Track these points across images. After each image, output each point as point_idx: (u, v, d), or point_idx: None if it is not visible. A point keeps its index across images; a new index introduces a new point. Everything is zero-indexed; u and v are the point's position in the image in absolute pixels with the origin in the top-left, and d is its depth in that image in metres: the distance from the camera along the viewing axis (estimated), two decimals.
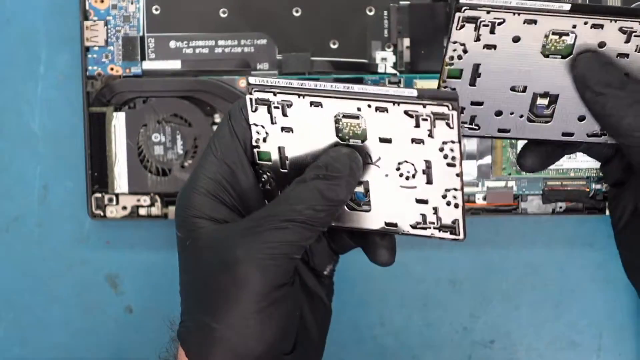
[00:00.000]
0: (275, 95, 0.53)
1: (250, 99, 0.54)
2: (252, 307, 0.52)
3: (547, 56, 0.57)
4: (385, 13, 0.65)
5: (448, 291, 0.68)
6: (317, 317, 0.57)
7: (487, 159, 0.66)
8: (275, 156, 0.55)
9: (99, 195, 0.67)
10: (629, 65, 0.56)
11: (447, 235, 0.54)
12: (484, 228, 0.68)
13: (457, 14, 0.56)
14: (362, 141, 0.53)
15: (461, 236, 0.54)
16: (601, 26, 0.55)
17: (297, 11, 0.65)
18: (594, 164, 0.65)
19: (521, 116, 0.58)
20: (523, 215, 0.66)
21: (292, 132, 0.54)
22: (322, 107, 0.53)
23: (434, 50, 0.65)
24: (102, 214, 0.67)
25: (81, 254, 0.68)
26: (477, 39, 0.56)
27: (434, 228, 0.54)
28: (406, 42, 0.65)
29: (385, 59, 0.65)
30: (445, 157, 0.52)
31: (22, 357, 0.69)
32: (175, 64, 0.66)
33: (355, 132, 0.53)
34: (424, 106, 0.51)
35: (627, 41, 0.56)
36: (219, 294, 0.53)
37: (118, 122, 0.66)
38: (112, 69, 0.66)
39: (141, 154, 0.66)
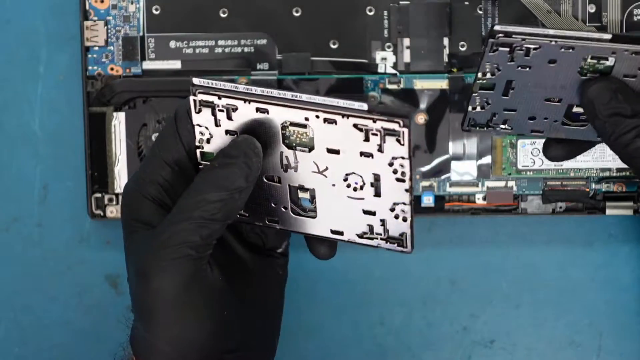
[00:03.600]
0: (219, 98, 0.53)
1: (194, 100, 0.53)
2: (170, 314, 0.52)
3: (584, 74, 0.57)
4: (385, 13, 0.65)
5: (448, 291, 0.68)
6: (270, 302, 0.57)
7: (487, 159, 0.66)
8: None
9: (99, 195, 0.67)
10: None
11: (394, 247, 0.54)
12: (484, 228, 0.68)
13: (491, 40, 0.55)
14: (310, 150, 0.53)
15: (408, 249, 0.54)
16: None
17: (297, 11, 0.65)
18: (594, 164, 0.65)
19: (555, 121, 0.59)
20: (523, 215, 0.66)
21: (237, 135, 0.53)
22: (268, 113, 0.52)
23: (434, 50, 0.65)
24: (102, 214, 0.67)
25: (81, 254, 0.68)
26: (511, 60, 0.56)
27: (381, 239, 0.54)
28: (406, 42, 0.65)
29: (385, 59, 0.66)
30: (395, 172, 0.52)
31: (22, 357, 0.69)
32: (175, 64, 0.66)
33: (303, 140, 0.53)
34: (374, 121, 0.50)
35: None
36: (141, 304, 0.53)
37: (118, 122, 0.66)
38: (112, 69, 0.66)
39: (141, 154, 0.66)
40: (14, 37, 0.68)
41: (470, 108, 0.58)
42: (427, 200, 0.66)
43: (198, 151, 0.54)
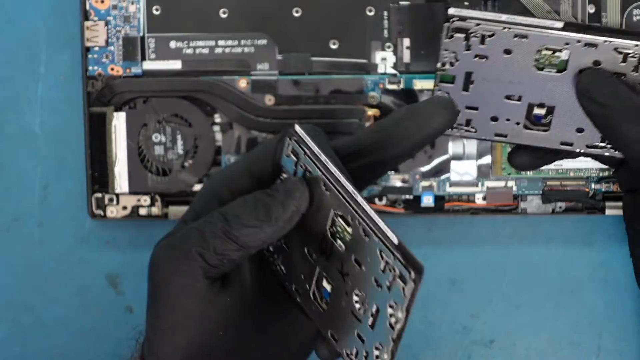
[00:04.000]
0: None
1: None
2: (165, 307, 0.53)
3: (541, 69, 0.56)
4: (385, 13, 0.65)
5: (448, 291, 0.68)
6: (296, 349, 0.56)
7: (487, 159, 0.66)
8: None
9: (99, 195, 0.67)
10: None
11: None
12: (483, 228, 0.68)
13: (446, 24, 0.55)
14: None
15: None
16: (595, 45, 0.55)
17: (297, 11, 0.65)
18: (594, 164, 0.65)
19: (517, 123, 0.58)
20: (523, 215, 0.66)
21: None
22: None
23: (434, 51, 0.65)
24: (102, 214, 0.67)
25: (81, 254, 0.69)
26: (468, 48, 0.56)
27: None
28: (406, 42, 0.65)
29: (385, 59, 0.66)
30: None
31: (22, 357, 0.69)
32: (176, 64, 0.66)
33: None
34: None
35: (624, 61, 0.56)
36: (149, 296, 0.54)
37: (118, 122, 0.66)
38: (112, 69, 0.66)
39: (141, 154, 0.66)
40: (15, 37, 0.68)
41: None
42: (427, 200, 0.66)
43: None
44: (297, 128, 0.52)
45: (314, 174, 0.51)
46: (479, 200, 0.66)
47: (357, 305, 0.51)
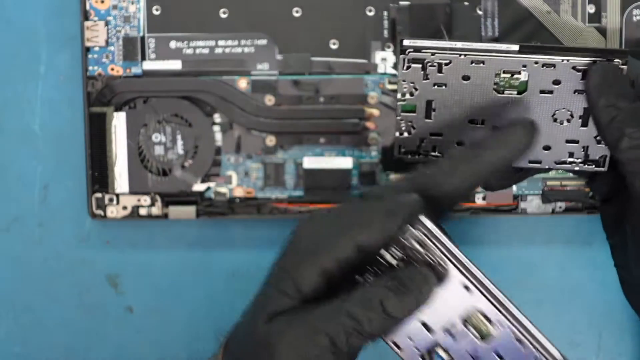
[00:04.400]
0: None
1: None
2: None
3: (501, 92, 0.56)
4: (385, 13, 0.65)
5: None
6: None
7: None
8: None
9: (99, 195, 0.67)
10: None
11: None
12: (483, 228, 0.68)
13: (402, 56, 0.55)
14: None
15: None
16: (553, 65, 0.55)
17: (297, 11, 0.66)
18: None
19: None
20: (522, 215, 0.66)
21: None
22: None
23: None
24: (102, 214, 0.67)
25: (81, 254, 0.68)
26: (426, 77, 0.56)
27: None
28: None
29: (385, 59, 0.66)
30: None
31: (22, 357, 0.69)
32: (176, 64, 0.66)
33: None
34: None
35: (583, 78, 0.55)
36: None
37: (118, 122, 0.66)
38: (112, 69, 0.66)
39: (141, 154, 0.66)
40: (15, 37, 0.68)
41: (397, 134, 0.58)
42: None
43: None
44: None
45: (447, 269, 0.52)
46: (479, 200, 0.66)
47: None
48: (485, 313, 0.52)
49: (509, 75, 0.55)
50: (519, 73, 0.55)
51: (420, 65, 0.55)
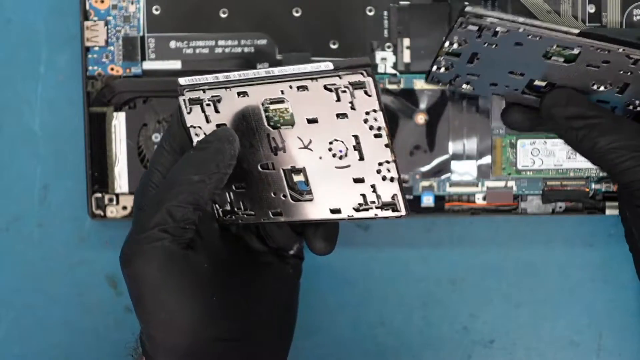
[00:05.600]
0: (204, 92, 0.54)
1: (184, 100, 0.55)
2: (154, 299, 0.53)
3: (549, 58, 0.58)
4: (385, 13, 0.65)
5: (448, 291, 0.68)
6: (281, 299, 0.58)
7: (487, 159, 0.66)
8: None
9: (99, 195, 0.67)
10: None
11: (389, 213, 0.54)
12: (484, 228, 0.68)
13: (460, 18, 0.56)
14: (292, 126, 0.54)
15: (403, 212, 0.54)
16: (608, 50, 0.56)
17: (297, 11, 0.65)
18: None
19: (516, 89, 0.60)
20: (523, 215, 0.66)
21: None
22: (248, 96, 0.54)
23: (434, 51, 0.65)
24: (102, 214, 0.67)
25: (81, 254, 0.68)
26: (479, 36, 0.57)
27: (376, 207, 0.54)
28: (406, 42, 0.65)
29: (385, 59, 0.66)
30: (371, 128, 0.52)
31: (22, 357, 0.69)
32: (176, 64, 0.66)
33: (285, 117, 0.54)
34: (340, 77, 0.52)
35: (634, 64, 0.57)
36: (130, 292, 0.54)
37: (118, 122, 0.66)
38: (112, 69, 0.66)
39: (141, 153, 0.66)
40: (14, 37, 0.68)
41: (434, 68, 0.60)
42: (427, 201, 0.66)
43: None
44: (182, 80, 0.55)
45: (220, 96, 0.54)
46: (479, 200, 0.66)
47: (337, 157, 0.53)
48: (273, 98, 0.53)
49: (561, 48, 0.57)
50: (572, 49, 0.57)
51: (476, 28, 0.56)
